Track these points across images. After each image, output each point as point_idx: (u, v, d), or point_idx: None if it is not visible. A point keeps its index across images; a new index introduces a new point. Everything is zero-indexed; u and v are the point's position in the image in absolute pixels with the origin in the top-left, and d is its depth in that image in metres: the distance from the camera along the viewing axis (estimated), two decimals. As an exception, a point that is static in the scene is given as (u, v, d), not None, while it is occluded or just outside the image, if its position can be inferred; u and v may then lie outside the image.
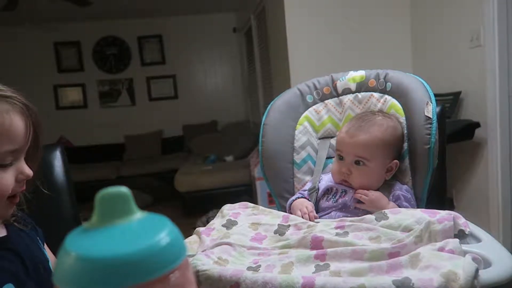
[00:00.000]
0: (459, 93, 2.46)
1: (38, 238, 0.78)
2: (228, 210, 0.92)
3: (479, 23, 2.25)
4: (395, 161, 1.00)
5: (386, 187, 1.01)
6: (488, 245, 0.72)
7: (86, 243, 0.28)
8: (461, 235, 0.75)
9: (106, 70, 5.73)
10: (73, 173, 1.18)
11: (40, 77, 5.40)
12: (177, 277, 0.29)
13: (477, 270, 0.59)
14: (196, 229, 0.89)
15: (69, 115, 5.58)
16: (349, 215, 0.94)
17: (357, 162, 0.98)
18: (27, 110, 0.66)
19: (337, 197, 1.00)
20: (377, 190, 0.98)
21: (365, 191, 0.96)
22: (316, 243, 0.77)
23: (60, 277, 0.27)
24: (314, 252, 0.73)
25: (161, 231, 0.29)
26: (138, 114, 5.77)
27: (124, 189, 0.30)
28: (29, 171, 0.67)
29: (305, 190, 1.07)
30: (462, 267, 0.58)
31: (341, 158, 1.00)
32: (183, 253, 0.30)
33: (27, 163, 0.68)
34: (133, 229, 0.29)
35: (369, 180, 0.98)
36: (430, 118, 0.97)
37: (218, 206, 0.97)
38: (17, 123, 0.64)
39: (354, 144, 0.97)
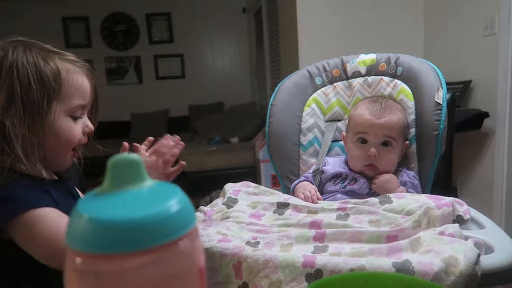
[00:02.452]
0: (469, 82, 2.43)
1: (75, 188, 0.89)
2: (230, 188, 0.93)
3: (495, 10, 2.20)
4: (407, 142, 1.01)
5: (393, 173, 1.00)
6: (491, 231, 0.73)
7: (98, 206, 0.28)
8: (459, 220, 0.75)
9: (113, 47, 5.70)
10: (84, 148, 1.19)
11: (48, 52, 5.38)
12: (186, 245, 0.30)
13: (478, 256, 0.59)
14: (200, 207, 0.90)
15: (76, 91, 5.57)
16: (354, 198, 0.95)
17: (384, 143, 0.97)
18: (90, 73, 0.80)
19: (345, 184, 1.00)
20: None
21: (378, 176, 0.96)
22: (315, 225, 0.78)
23: (72, 238, 0.28)
24: (313, 233, 0.73)
25: (171, 198, 0.30)
26: (145, 92, 5.76)
27: (135, 156, 0.30)
28: (91, 125, 0.80)
29: (309, 173, 1.08)
30: (463, 252, 0.58)
31: (364, 141, 0.98)
32: (192, 221, 0.31)
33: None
34: (144, 195, 0.29)
35: (393, 161, 0.98)
36: (440, 104, 0.96)
37: (222, 187, 0.98)
38: (86, 82, 0.78)
39: (384, 125, 0.96)
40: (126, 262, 0.27)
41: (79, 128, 0.78)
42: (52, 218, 0.68)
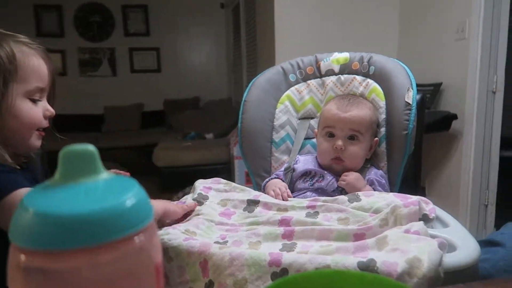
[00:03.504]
0: (440, 84, 2.49)
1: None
2: (200, 184, 0.92)
3: (466, 16, 2.26)
4: (376, 138, 1.02)
5: (361, 170, 1.02)
6: (454, 230, 0.74)
7: (47, 200, 0.27)
8: (425, 219, 0.77)
9: (87, 38, 5.55)
10: (48, 141, 1.15)
11: (17, 40, 5.18)
12: (142, 240, 0.29)
13: (441, 258, 0.60)
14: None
15: (46, 82, 5.39)
16: (323, 196, 0.95)
17: (350, 137, 0.98)
18: (46, 56, 0.79)
19: (313, 181, 1.01)
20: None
21: (346, 173, 0.97)
22: (285, 223, 0.78)
23: (16, 233, 0.26)
24: (282, 230, 0.73)
25: (127, 192, 0.28)
26: (119, 85, 5.64)
27: (90, 147, 0.29)
28: (52, 110, 0.80)
29: (281, 171, 1.08)
30: (427, 253, 0.59)
31: (331, 135, 1.00)
32: (149, 216, 0.30)
33: None
34: (98, 188, 0.28)
35: (360, 156, 0.99)
36: (410, 104, 0.98)
37: (195, 183, 0.97)
38: (42, 64, 0.77)
39: (350, 118, 0.98)
40: (76, 259, 0.26)
41: (40, 111, 0.78)
42: None
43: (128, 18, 5.60)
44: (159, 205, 0.76)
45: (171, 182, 3.85)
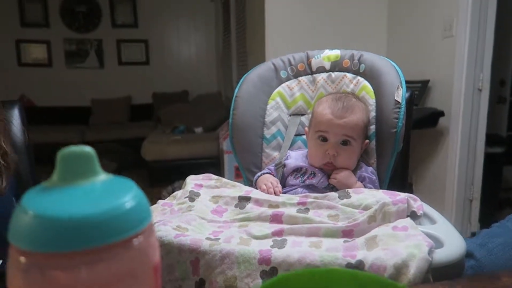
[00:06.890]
0: (427, 81, 2.52)
1: None
2: (191, 180, 0.92)
3: (454, 14, 2.29)
4: (367, 140, 1.03)
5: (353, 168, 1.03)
6: (442, 227, 0.76)
7: (45, 202, 0.27)
8: (413, 216, 0.78)
9: (74, 29, 5.46)
10: (34, 133, 1.14)
11: (1, 31, 5.08)
12: (141, 242, 0.29)
13: (430, 265, 0.60)
14: (158, 201, 0.88)
15: (32, 73, 5.31)
16: (314, 192, 0.96)
17: (344, 143, 0.98)
18: None
19: (304, 178, 1.01)
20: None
21: (336, 171, 0.98)
22: (276, 218, 0.78)
23: (16, 235, 0.26)
24: (272, 229, 0.74)
25: (126, 194, 0.28)
26: (107, 77, 5.58)
27: (88, 149, 0.29)
28: None
29: (272, 166, 1.08)
30: (416, 261, 0.59)
31: (324, 139, 0.99)
32: (147, 217, 0.30)
33: None
34: (96, 190, 0.28)
35: (353, 160, 1.00)
36: (399, 102, 0.99)
37: (185, 177, 0.96)
38: None
39: (344, 125, 0.97)
40: (75, 261, 0.26)
41: None
42: None
43: (115, 9, 5.52)
44: None
45: (159, 176, 3.84)
